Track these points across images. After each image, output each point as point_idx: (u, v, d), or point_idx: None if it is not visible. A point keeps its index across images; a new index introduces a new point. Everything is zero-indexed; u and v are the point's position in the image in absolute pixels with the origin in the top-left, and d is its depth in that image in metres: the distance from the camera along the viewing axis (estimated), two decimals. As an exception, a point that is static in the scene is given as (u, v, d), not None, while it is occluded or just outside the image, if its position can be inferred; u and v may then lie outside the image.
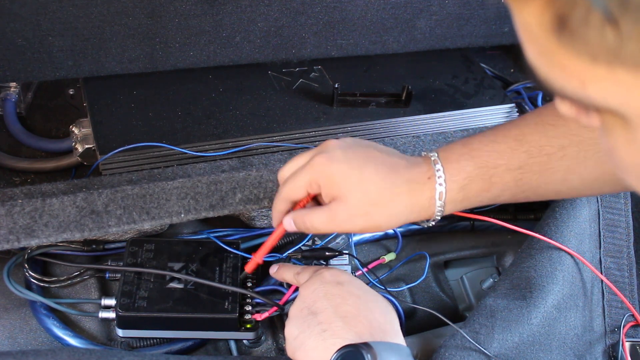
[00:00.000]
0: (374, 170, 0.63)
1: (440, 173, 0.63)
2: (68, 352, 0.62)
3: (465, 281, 0.89)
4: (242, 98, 0.90)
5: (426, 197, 0.63)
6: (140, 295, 0.72)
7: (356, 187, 0.62)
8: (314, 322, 0.63)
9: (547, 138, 0.63)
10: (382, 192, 0.62)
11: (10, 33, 0.78)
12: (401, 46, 1.01)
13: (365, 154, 0.65)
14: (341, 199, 0.63)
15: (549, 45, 0.28)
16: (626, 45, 0.25)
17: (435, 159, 0.64)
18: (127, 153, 0.80)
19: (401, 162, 0.65)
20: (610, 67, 0.27)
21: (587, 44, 0.27)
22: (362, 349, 0.57)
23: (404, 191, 0.63)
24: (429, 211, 0.64)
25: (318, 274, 0.68)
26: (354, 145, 0.66)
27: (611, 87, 0.28)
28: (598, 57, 0.27)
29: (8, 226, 0.69)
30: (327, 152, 0.64)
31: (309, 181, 0.65)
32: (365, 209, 0.63)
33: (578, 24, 0.26)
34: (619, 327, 0.74)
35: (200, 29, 0.87)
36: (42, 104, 0.95)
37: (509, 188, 0.65)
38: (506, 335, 0.68)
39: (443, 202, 0.63)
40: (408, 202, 0.63)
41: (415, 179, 0.63)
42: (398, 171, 0.64)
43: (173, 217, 0.74)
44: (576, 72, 0.28)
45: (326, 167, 0.63)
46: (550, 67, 0.30)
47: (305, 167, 0.65)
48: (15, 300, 0.75)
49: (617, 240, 0.80)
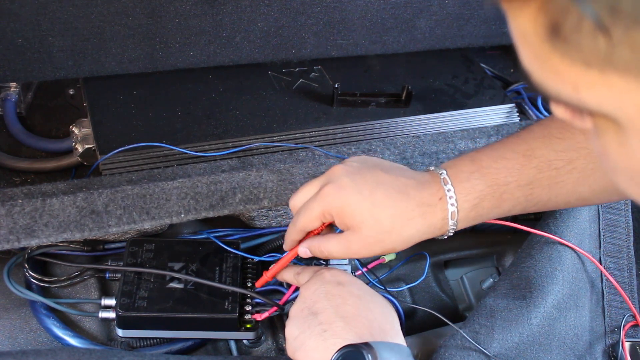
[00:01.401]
0: (385, 196, 0.63)
1: (451, 194, 0.63)
2: (68, 352, 0.62)
3: (465, 281, 0.89)
4: (242, 98, 0.90)
5: (439, 218, 0.63)
6: (140, 295, 0.72)
7: (368, 216, 0.62)
8: (315, 322, 0.63)
9: (555, 152, 0.63)
10: (395, 219, 0.62)
11: (10, 33, 0.78)
12: (401, 46, 1.01)
13: (373, 178, 0.64)
14: (354, 229, 0.63)
15: (543, 51, 0.29)
16: (618, 51, 0.26)
17: (445, 178, 0.64)
18: (127, 153, 0.80)
19: (410, 183, 0.64)
20: (603, 72, 0.27)
21: (580, 50, 0.27)
22: (362, 349, 0.57)
23: (417, 215, 0.63)
24: (442, 230, 0.64)
25: (319, 275, 0.68)
26: (362, 170, 0.65)
27: (604, 92, 0.28)
28: (591, 63, 0.27)
29: (8, 226, 0.69)
30: (335, 181, 0.64)
31: (321, 212, 0.65)
32: (380, 237, 0.63)
33: (571, 31, 0.27)
34: (619, 327, 0.74)
35: (200, 29, 0.87)
36: (42, 104, 0.95)
37: (520, 203, 0.65)
38: (506, 335, 0.68)
39: (455, 221, 0.63)
40: (421, 225, 0.63)
41: (426, 202, 0.63)
42: (408, 194, 0.63)
43: (173, 217, 0.74)
44: (570, 77, 0.29)
45: (336, 198, 0.63)
46: (545, 71, 0.30)
47: (316, 198, 0.65)
48: (15, 300, 0.75)
49: (617, 240, 0.80)
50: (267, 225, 0.84)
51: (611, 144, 0.32)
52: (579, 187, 0.64)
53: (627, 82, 0.27)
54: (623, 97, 0.28)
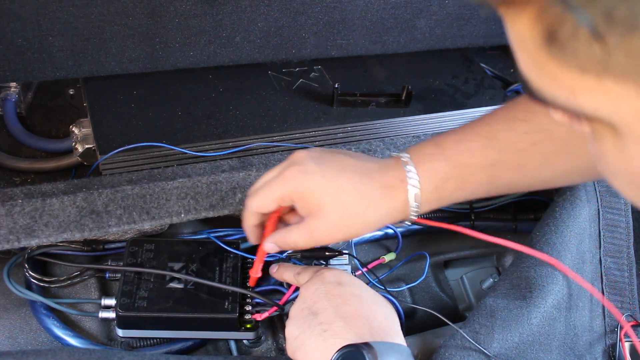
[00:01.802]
0: (348, 179, 0.63)
1: (413, 175, 0.63)
2: (68, 352, 0.62)
3: (465, 281, 0.89)
4: (242, 98, 0.90)
5: (401, 201, 0.63)
6: (140, 295, 0.72)
7: (332, 200, 0.62)
8: (315, 322, 0.63)
9: (518, 134, 0.62)
10: (358, 202, 0.62)
11: (10, 33, 0.78)
12: (401, 46, 1.01)
13: (337, 162, 0.64)
14: (318, 214, 0.63)
15: (540, 57, 0.29)
16: (613, 57, 0.26)
17: (407, 161, 0.64)
18: (127, 153, 0.80)
19: (373, 167, 0.64)
20: (599, 78, 0.27)
21: (576, 56, 0.27)
22: (362, 349, 0.57)
23: (379, 197, 0.63)
24: (405, 212, 0.64)
25: (319, 275, 0.68)
26: (325, 154, 0.65)
27: (601, 97, 0.28)
28: (587, 69, 0.27)
29: (8, 226, 0.69)
30: (300, 164, 0.64)
31: (281, 195, 0.64)
32: (343, 222, 0.63)
33: (567, 38, 0.27)
34: (619, 327, 0.74)
35: (200, 29, 0.87)
36: (42, 104, 0.95)
37: (483, 185, 0.65)
38: (506, 335, 0.68)
39: (418, 203, 0.63)
40: (384, 207, 0.63)
41: (388, 184, 0.63)
42: (371, 177, 0.63)
43: (173, 217, 0.74)
44: (566, 82, 0.29)
45: (300, 181, 0.63)
46: (542, 77, 0.30)
47: (277, 180, 0.64)
48: (15, 300, 0.75)
49: (617, 240, 0.80)
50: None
51: (609, 149, 0.32)
52: (542, 169, 0.64)
53: (623, 87, 0.27)
54: (620, 102, 0.28)
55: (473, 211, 0.92)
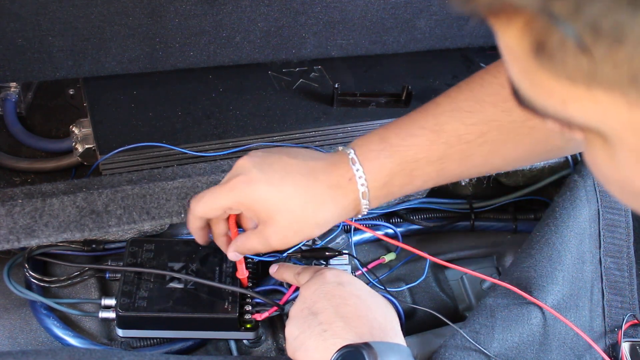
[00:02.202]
0: (293, 184, 0.62)
1: (360, 173, 0.62)
2: (68, 352, 0.62)
3: (465, 281, 0.89)
4: (242, 98, 0.90)
5: (350, 199, 0.63)
6: (140, 295, 0.72)
7: (279, 208, 0.62)
8: (315, 322, 0.63)
9: (465, 126, 0.61)
10: (306, 206, 0.62)
11: (10, 33, 0.78)
12: (401, 46, 1.01)
13: (281, 166, 0.63)
14: (268, 223, 0.63)
15: (530, 66, 0.29)
16: (601, 68, 0.26)
17: (353, 158, 0.63)
18: (127, 153, 0.80)
19: (319, 165, 0.64)
20: (589, 88, 0.27)
21: (565, 67, 0.27)
22: (362, 349, 0.57)
23: (328, 199, 0.63)
24: (356, 209, 0.64)
25: (319, 275, 0.68)
26: (268, 158, 0.64)
27: (590, 107, 0.28)
28: (576, 79, 0.27)
29: (8, 226, 0.69)
30: (244, 173, 0.63)
31: (228, 205, 0.64)
32: (294, 227, 0.63)
33: (555, 48, 0.27)
34: (619, 327, 0.74)
35: (200, 29, 0.87)
36: (42, 104, 0.95)
37: (432, 178, 0.64)
38: (506, 335, 0.68)
39: (367, 200, 0.63)
40: (333, 208, 0.63)
41: (336, 184, 0.63)
42: (317, 178, 0.63)
43: (173, 217, 0.74)
44: (557, 92, 0.29)
45: (247, 191, 0.62)
46: (532, 86, 0.30)
47: (222, 189, 0.64)
48: (15, 300, 0.75)
49: (617, 240, 0.80)
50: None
51: (600, 157, 0.32)
52: (491, 158, 0.63)
53: (612, 97, 0.27)
54: (609, 112, 0.28)
55: (473, 211, 0.92)
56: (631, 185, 0.32)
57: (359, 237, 0.88)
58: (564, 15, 0.25)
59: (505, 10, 0.28)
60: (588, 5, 0.24)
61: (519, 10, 0.27)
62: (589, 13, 0.24)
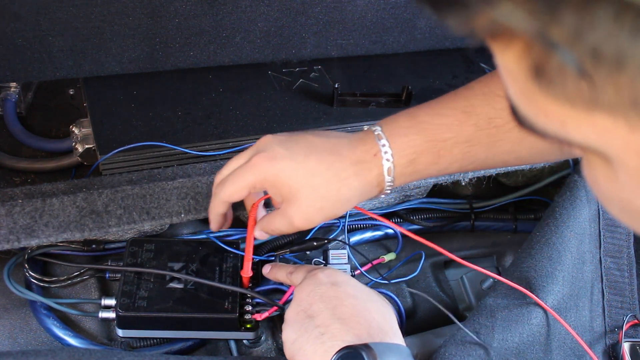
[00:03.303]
0: (317, 160, 0.62)
1: (386, 149, 0.62)
2: (68, 352, 0.62)
3: (465, 281, 0.89)
4: (242, 98, 0.90)
5: (375, 175, 0.62)
6: (140, 295, 0.72)
7: (303, 184, 0.61)
8: (312, 325, 0.62)
9: (495, 110, 0.61)
10: (330, 182, 0.61)
11: (10, 33, 0.78)
12: (401, 46, 1.01)
13: (305, 144, 0.63)
14: (292, 200, 0.62)
15: (529, 88, 0.28)
16: (602, 93, 0.26)
17: (380, 134, 0.62)
18: (127, 153, 0.80)
19: (343, 142, 0.63)
20: (589, 111, 0.27)
21: (564, 90, 0.27)
22: (361, 350, 0.57)
23: (352, 174, 0.62)
24: (379, 187, 0.63)
25: (312, 275, 0.67)
26: (293, 136, 0.64)
27: (591, 129, 0.28)
28: (576, 102, 0.27)
29: (8, 226, 0.69)
30: (267, 150, 0.63)
31: (252, 183, 0.63)
32: (317, 205, 0.62)
33: (554, 73, 0.26)
34: (619, 327, 0.74)
35: (200, 29, 0.87)
36: (42, 104, 0.95)
37: (457, 160, 0.64)
38: (506, 335, 0.68)
39: (392, 177, 0.62)
40: (357, 184, 0.62)
41: (360, 159, 0.62)
42: (341, 154, 0.62)
43: (173, 217, 0.74)
44: (556, 114, 0.29)
45: (270, 167, 0.62)
46: (531, 107, 0.30)
47: (245, 167, 0.63)
48: (15, 300, 0.75)
49: (617, 240, 0.80)
50: (267, 225, 0.84)
51: (601, 176, 0.32)
52: (517, 146, 0.63)
53: (613, 121, 0.27)
54: (610, 134, 0.28)
55: (473, 211, 0.92)
56: (631, 205, 0.31)
57: (359, 237, 0.88)
58: (563, 41, 0.25)
59: (503, 34, 0.27)
60: (588, 32, 0.24)
61: (517, 35, 0.27)
62: (590, 40, 0.24)
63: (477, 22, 0.26)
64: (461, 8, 0.26)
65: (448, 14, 0.27)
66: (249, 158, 0.64)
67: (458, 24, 0.27)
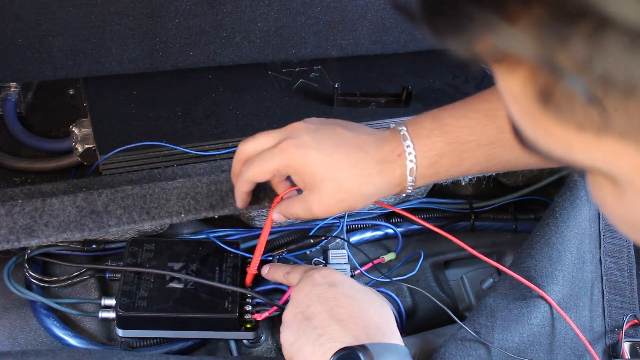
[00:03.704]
0: (345, 155, 0.63)
1: (410, 149, 0.63)
2: (68, 352, 0.62)
3: (465, 281, 0.89)
4: (242, 98, 0.90)
5: (397, 175, 0.64)
6: (140, 295, 0.72)
7: (327, 176, 0.63)
8: (309, 327, 0.62)
9: None
10: (354, 177, 0.63)
11: (10, 33, 0.78)
12: (401, 46, 1.01)
13: (334, 136, 0.64)
14: (314, 189, 0.64)
15: (534, 112, 0.28)
16: (612, 119, 0.25)
17: (405, 134, 0.64)
18: (127, 153, 0.80)
19: (370, 140, 0.65)
20: (598, 136, 0.26)
21: (572, 116, 0.26)
22: (358, 351, 0.57)
23: (375, 172, 0.63)
24: (401, 186, 0.65)
25: (308, 276, 0.67)
26: (322, 127, 0.65)
27: (599, 154, 0.27)
28: (584, 128, 0.26)
29: (8, 226, 0.69)
30: (296, 137, 0.64)
31: (277, 167, 0.65)
32: (338, 197, 0.64)
33: (563, 98, 0.26)
34: (619, 327, 0.74)
35: (200, 29, 0.87)
36: (42, 104, 0.95)
37: (480, 163, 0.65)
38: (506, 335, 0.68)
39: (414, 177, 0.64)
40: (380, 182, 0.64)
41: (385, 158, 0.64)
42: (367, 151, 0.64)
43: (173, 217, 0.74)
44: (562, 138, 0.28)
45: (297, 155, 0.63)
46: (536, 130, 0.29)
47: (274, 152, 0.64)
48: (15, 300, 0.75)
49: (617, 240, 0.80)
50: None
51: (608, 197, 0.31)
52: None
53: (623, 145, 0.26)
54: (619, 158, 0.27)
55: (473, 211, 0.92)
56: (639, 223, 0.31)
57: (359, 237, 0.88)
58: (571, 68, 0.24)
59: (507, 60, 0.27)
60: (599, 60, 0.23)
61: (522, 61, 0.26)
62: (600, 67, 0.23)
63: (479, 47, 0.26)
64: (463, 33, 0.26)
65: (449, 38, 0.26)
66: (278, 142, 0.65)
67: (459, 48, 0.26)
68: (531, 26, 0.24)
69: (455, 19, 0.26)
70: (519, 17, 0.24)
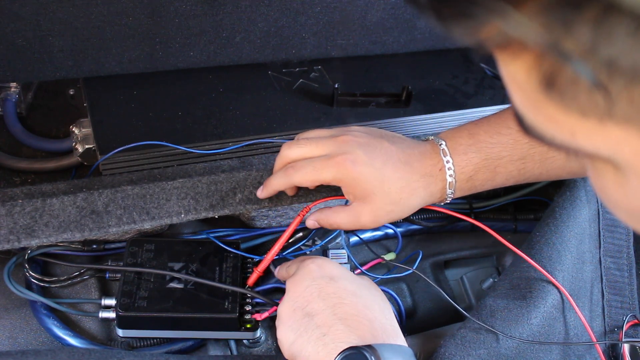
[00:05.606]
0: (393, 169, 0.68)
1: (450, 165, 0.69)
2: (68, 352, 0.62)
3: (465, 281, 0.89)
4: (242, 98, 0.90)
5: (438, 188, 0.70)
6: (140, 295, 0.72)
7: (378, 189, 0.67)
8: (312, 325, 0.61)
9: None
10: (402, 190, 0.68)
11: (10, 33, 0.78)
12: (401, 46, 1.01)
13: (382, 151, 0.69)
14: (364, 201, 0.68)
15: (537, 98, 0.28)
16: (616, 104, 0.25)
17: (444, 150, 0.69)
18: (127, 153, 0.80)
19: (414, 154, 0.69)
20: (601, 122, 0.27)
21: (576, 101, 0.26)
22: (365, 351, 0.56)
23: (421, 186, 0.69)
24: (441, 197, 0.71)
25: (304, 267, 0.66)
26: (371, 142, 0.69)
27: (602, 139, 0.28)
28: (588, 113, 0.27)
29: (8, 226, 0.69)
30: (350, 152, 0.68)
31: (330, 179, 0.68)
32: (389, 208, 0.68)
33: (566, 85, 0.26)
34: (619, 327, 0.74)
35: (200, 29, 0.87)
36: (42, 104, 0.95)
37: (513, 177, 0.70)
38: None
39: (453, 190, 0.70)
40: (423, 194, 0.69)
41: (428, 172, 0.69)
42: (413, 165, 0.69)
43: (173, 217, 0.74)
44: (566, 124, 0.28)
45: (352, 170, 0.67)
46: (539, 117, 0.30)
47: (329, 164, 0.68)
48: (15, 300, 0.75)
49: (617, 240, 0.80)
50: (267, 225, 0.84)
51: (609, 183, 0.31)
52: (569, 162, 0.68)
53: (626, 131, 0.26)
54: (622, 143, 0.27)
55: (473, 211, 0.92)
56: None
57: (359, 237, 0.87)
58: (577, 54, 0.24)
59: (511, 46, 0.27)
60: (605, 45, 0.23)
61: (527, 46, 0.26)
62: (606, 53, 0.23)
63: (484, 33, 0.26)
64: (468, 19, 0.26)
65: (454, 24, 0.26)
66: (329, 153, 0.68)
67: (464, 34, 0.27)
68: (537, 11, 0.24)
69: (460, 4, 0.26)
70: (525, 2, 0.24)
